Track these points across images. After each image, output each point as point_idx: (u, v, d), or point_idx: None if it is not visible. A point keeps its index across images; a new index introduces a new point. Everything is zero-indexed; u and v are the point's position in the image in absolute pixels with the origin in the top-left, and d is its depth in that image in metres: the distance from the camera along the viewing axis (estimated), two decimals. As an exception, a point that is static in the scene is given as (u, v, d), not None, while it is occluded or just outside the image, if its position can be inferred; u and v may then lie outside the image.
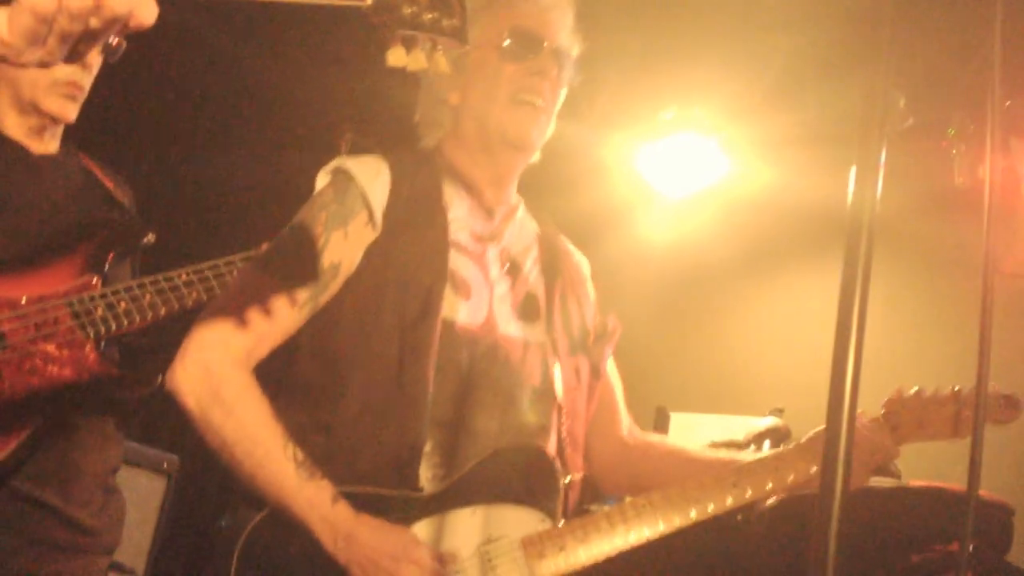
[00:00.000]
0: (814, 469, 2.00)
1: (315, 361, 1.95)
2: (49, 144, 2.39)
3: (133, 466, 3.28)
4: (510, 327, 2.04)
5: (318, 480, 1.81)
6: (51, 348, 2.15)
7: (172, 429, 1.89)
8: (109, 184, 2.47)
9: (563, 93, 2.12)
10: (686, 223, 4.96)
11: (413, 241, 1.98)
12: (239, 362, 1.87)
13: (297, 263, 1.93)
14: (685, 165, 4.73)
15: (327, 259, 1.92)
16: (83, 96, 2.37)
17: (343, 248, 1.94)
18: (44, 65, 1.03)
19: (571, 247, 2.31)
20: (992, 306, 1.36)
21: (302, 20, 3.99)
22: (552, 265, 2.18)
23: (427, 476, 1.89)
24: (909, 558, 2.75)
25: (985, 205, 1.39)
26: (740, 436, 3.55)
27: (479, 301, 2.01)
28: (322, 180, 2.03)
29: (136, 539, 3.35)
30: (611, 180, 4.83)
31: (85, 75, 2.34)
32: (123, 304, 2.20)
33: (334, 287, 1.94)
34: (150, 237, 2.40)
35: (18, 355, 2.13)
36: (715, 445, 3.62)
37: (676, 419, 4.12)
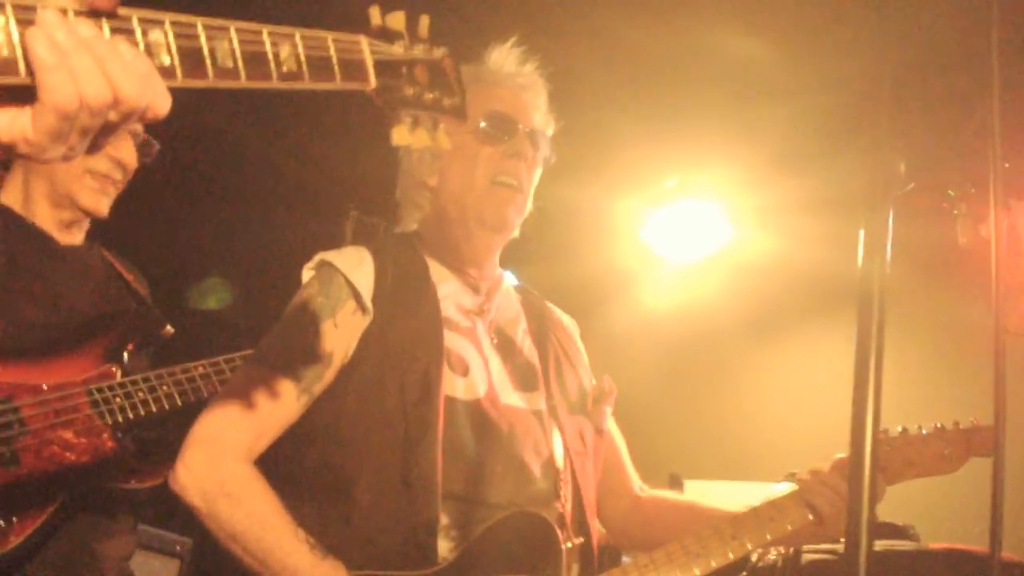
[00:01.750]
0: (811, 516, 2.01)
1: (323, 453, 1.97)
2: (76, 236, 2.43)
3: (146, 550, 3.29)
4: (511, 398, 2.06)
5: (332, 560, 1.81)
6: (69, 435, 2.17)
7: (185, 512, 1.89)
8: (128, 276, 2.51)
9: (538, 172, 2.17)
10: (691, 289, 4.98)
11: (407, 322, 2.00)
12: (240, 456, 1.89)
13: (289, 356, 1.96)
14: (689, 232, 4.76)
15: (320, 349, 1.95)
16: (116, 192, 2.40)
17: (334, 337, 1.96)
18: (66, 159, 1.06)
19: (557, 311, 2.33)
20: (1005, 363, 1.36)
21: (308, 102, 4.06)
22: (542, 332, 2.20)
23: (447, 549, 1.88)
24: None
25: (992, 261, 1.40)
26: (757, 503, 3.52)
27: (477, 376, 2.02)
28: (306, 275, 2.07)
29: (151, 622, 3.33)
30: (616, 246, 4.86)
31: (120, 171, 2.37)
32: (141, 394, 2.23)
33: (328, 376, 1.96)
34: (168, 329, 2.43)
35: (37, 441, 2.14)
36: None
37: (690, 486, 4.09)
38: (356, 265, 2.03)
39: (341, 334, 1.97)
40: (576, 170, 2.19)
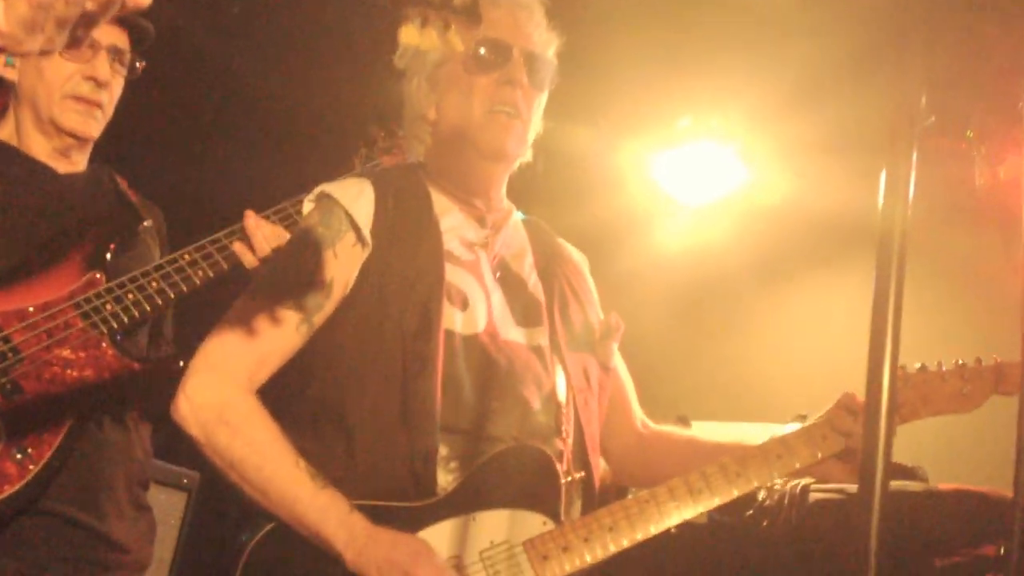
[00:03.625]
0: (820, 455, 2.00)
1: (323, 387, 1.97)
2: (76, 164, 2.42)
3: (154, 483, 3.30)
4: (512, 333, 2.05)
5: (332, 490, 1.82)
6: (67, 353, 2.16)
7: (193, 446, 1.91)
8: (135, 196, 2.49)
9: (542, 98, 2.13)
10: (703, 232, 4.94)
11: (407, 255, 2.00)
12: (241, 386, 1.90)
13: (290, 285, 1.96)
14: (702, 173, 4.71)
15: (319, 280, 1.96)
16: (104, 114, 2.39)
17: (334, 267, 1.97)
18: (45, 53, 1.03)
19: (568, 246, 2.31)
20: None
21: (320, 33, 4.01)
22: (549, 268, 2.19)
23: (446, 481, 1.89)
24: (933, 563, 2.72)
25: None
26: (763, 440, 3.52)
27: (477, 310, 2.02)
28: (307, 207, 2.07)
29: (157, 554, 3.36)
30: (627, 188, 4.82)
31: (102, 92, 2.36)
32: (131, 295, 2.22)
33: (329, 306, 1.97)
34: (147, 222, 2.41)
35: (36, 366, 2.14)
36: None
37: (697, 427, 4.09)
38: (356, 197, 2.02)
39: (341, 265, 1.97)
40: (585, 110, 2.17)
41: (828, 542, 2.78)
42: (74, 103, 2.34)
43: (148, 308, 2.22)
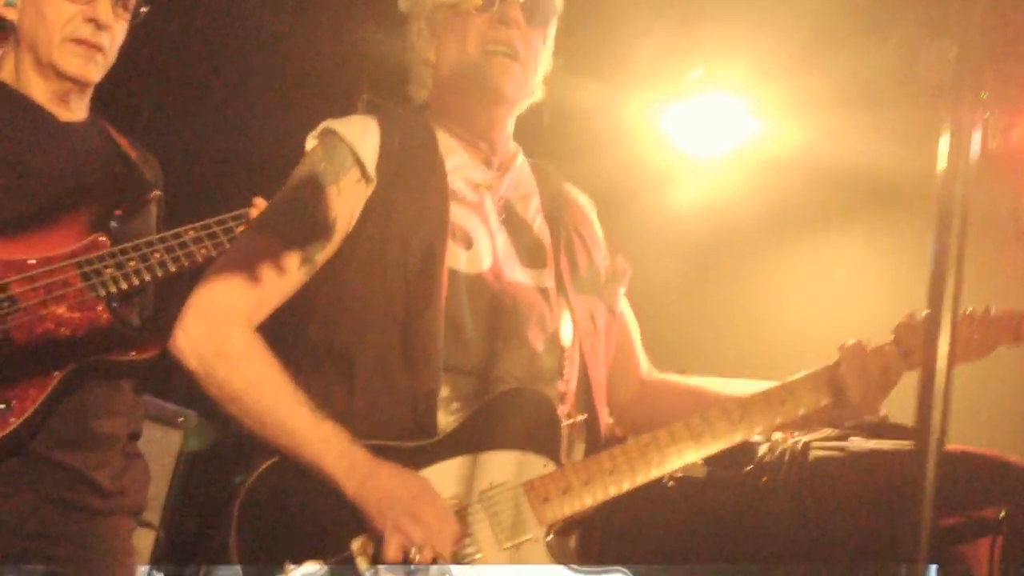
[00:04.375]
0: (824, 402, 1.98)
1: (325, 326, 1.96)
2: (76, 111, 2.39)
3: (149, 420, 3.32)
4: (517, 274, 2.03)
5: (332, 424, 1.81)
6: (63, 311, 2.16)
7: (189, 383, 1.90)
8: (133, 154, 2.46)
9: (546, 35, 2.10)
10: (713, 184, 4.91)
11: (412, 193, 1.98)
12: (239, 321, 1.88)
13: (291, 223, 1.94)
14: (713, 125, 4.67)
15: (322, 217, 1.93)
16: (104, 58, 2.36)
17: (336, 205, 1.94)
18: None
19: (574, 190, 2.28)
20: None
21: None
22: (555, 211, 2.16)
23: (447, 422, 1.88)
24: (940, 521, 2.72)
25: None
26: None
27: (481, 250, 2.00)
28: (310, 143, 2.04)
29: (152, 493, 3.40)
30: (637, 141, 4.78)
31: (103, 35, 2.32)
32: (132, 263, 2.21)
33: (331, 245, 1.95)
34: (155, 192, 2.39)
35: (30, 319, 2.14)
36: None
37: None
38: (361, 133, 2.00)
39: (344, 202, 1.95)
40: (594, 63, 2.13)
41: (828, 500, 2.80)
42: (74, 46, 2.30)
43: (148, 277, 2.22)
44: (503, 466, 1.85)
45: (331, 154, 1.98)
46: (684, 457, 1.91)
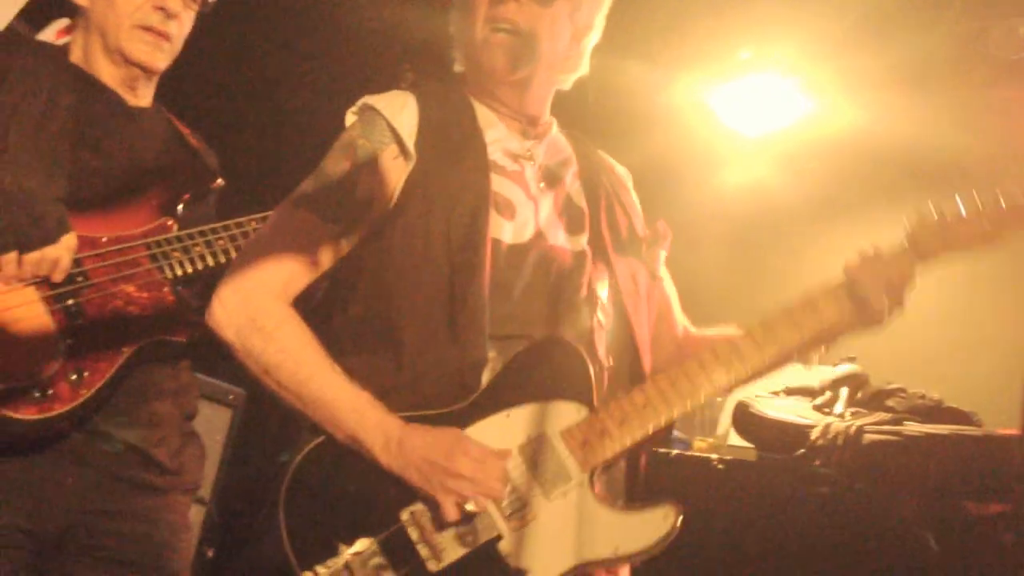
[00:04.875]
0: (847, 313, 1.93)
1: (368, 302, 1.95)
2: (142, 98, 2.43)
3: (201, 398, 3.36)
4: (559, 239, 2.01)
5: (369, 395, 1.80)
6: (132, 289, 2.21)
7: (232, 358, 1.92)
8: (194, 143, 2.50)
9: (574, 9, 2.05)
10: (761, 164, 4.86)
11: (453, 166, 1.96)
12: (274, 293, 1.88)
13: (327, 199, 1.92)
14: (762, 106, 4.62)
15: (359, 193, 1.92)
16: (171, 47, 2.38)
17: (374, 181, 1.94)
18: None
19: (610, 160, 2.27)
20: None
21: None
22: (593, 178, 2.14)
23: None
24: (967, 508, 2.69)
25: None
26: (815, 383, 3.50)
27: (525, 218, 1.99)
28: (349, 119, 2.03)
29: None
30: (685, 120, 4.75)
31: (171, 23, 2.34)
32: (198, 248, 2.26)
33: (367, 221, 1.94)
34: (219, 181, 2.43)
35: (101, 295, 2.19)
36: (790, 390, 3.57)
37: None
38: (399, 109, 1.99)
39: (382, 178, 1.95)
40: (644, 42, 2.10)
41: (882, 484, 2.77)
42: (142, 33, 2.32)
43: (211, 263, 2.26)
44: (537, 418, 1.83)
45: (369, 130, 1.97)
46: (715, 383, 1.88)
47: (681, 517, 1.77)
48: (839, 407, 3.27)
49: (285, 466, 1.81)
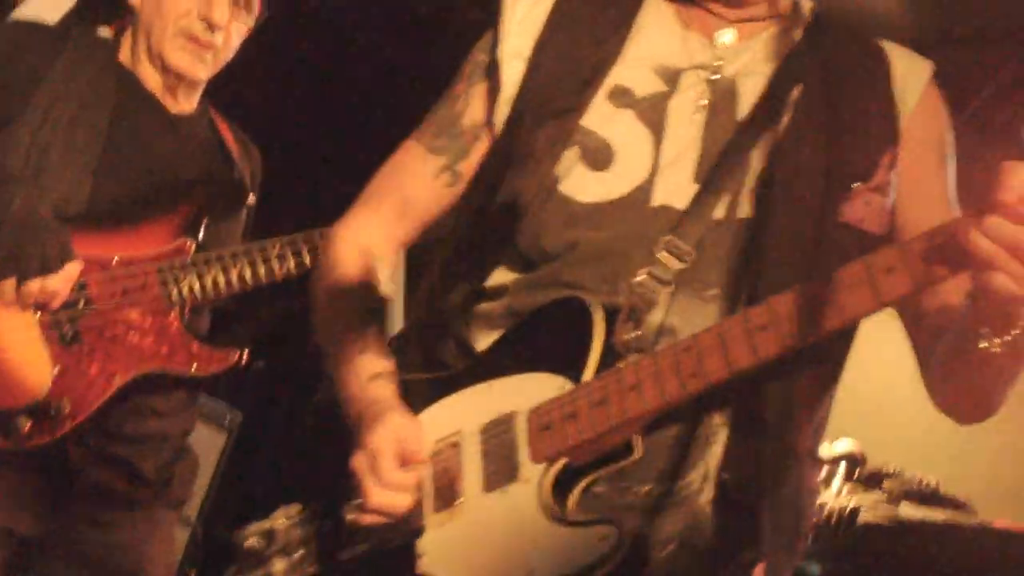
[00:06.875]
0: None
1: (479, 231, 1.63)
2: (184, 104, 2.39)
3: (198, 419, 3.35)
4: (673, 197, 1.50)
5: (370, 355, 1.56)
6: (135, 315, 2.17)
7: (234, 384, 1.87)
8: (234, 146, 2.46)
9: None
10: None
11: (558, 86, 1.56)
12: (382, 227, 1.68)
13: (435, 128, 1.66)
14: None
15: (466, 119, 1.63)
16: (215, 58, 2.33)
17: (478, 107, 1.63)
18: None
19: (896, 58, 1.56)
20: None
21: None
22: (816, 114, 1.51)
23: None
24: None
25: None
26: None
27: (624, 169, 1.52)
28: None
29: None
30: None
31: (216, 34, 2.29)
32: (212, 273, 2.21)
33: (476, 152, 1.63)
34: (251, 199, 2.39)
35: (102, 320, 2.16)
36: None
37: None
38: (532, 5, 1.62)
39: (485, 96, 1.63)
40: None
41: (874, 568, 2.75)
42: (184, 41, 2.27)
43: (224, 291, 2.22)
44: (515, 392, 1.47)
45: (484, 45, 1.65)
46: (733, 368, 1.33)
47: (622, 541, 1.32)
48: (836, 484, 3.26)
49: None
